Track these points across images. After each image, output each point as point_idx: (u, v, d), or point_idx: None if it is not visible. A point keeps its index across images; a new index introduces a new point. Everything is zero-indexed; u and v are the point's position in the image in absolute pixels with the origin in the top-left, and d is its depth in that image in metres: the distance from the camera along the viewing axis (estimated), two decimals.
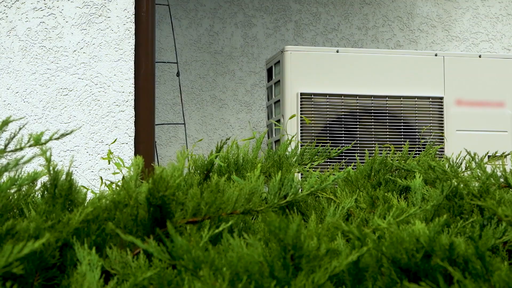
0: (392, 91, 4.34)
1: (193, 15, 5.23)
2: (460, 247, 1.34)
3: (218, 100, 5.22)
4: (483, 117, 4.45)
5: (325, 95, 4.25)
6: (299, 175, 3.18)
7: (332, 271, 1.29)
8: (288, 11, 5.36)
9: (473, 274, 1.33)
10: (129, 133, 3.69)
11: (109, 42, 3.70)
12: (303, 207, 2.12)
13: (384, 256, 1.35)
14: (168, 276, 1.45)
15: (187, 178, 2.09)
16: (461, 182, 1.73)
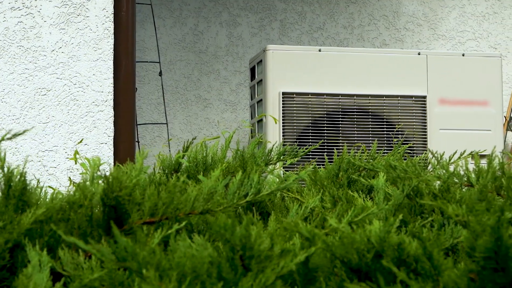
0: (375, 90, 4.33)
1: (178, 15, 5.21)
2: (411, 246, 1.32)
3: (203, 100, 5.21)
4: (467, 116, 4.43)
5: (307, 95, 4.24)
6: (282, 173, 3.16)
7: (280, 271, 1.28)
8: (273, 10, 5.35)
9: (422, 274, 1.31)
10: (108, 133, 3.67)
11: (88, 41, 3.68)
12: (269, 207, 2.11)
13: (334, 256, 1.33)
14: (119, 277, 1.43)
15: (153, 178, 2.08)
16: (422, 181, 1.71)
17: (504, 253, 1.23)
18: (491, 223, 1.25)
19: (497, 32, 5.68)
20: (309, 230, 1.33)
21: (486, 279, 1.27)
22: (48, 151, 3.60)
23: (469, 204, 1.32)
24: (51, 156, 3.59)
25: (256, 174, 1.74)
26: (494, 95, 4.48)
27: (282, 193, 2.10)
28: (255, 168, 2.05)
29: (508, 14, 5.70)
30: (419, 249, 1.28)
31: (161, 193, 1.65)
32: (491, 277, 1.27)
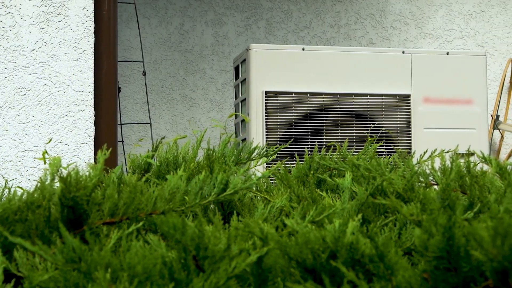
0: (359, 89, 4.31)
1: (163, 14, 5.20)
2: (367, 246, 1.31)
3: (188, 99, 5.19)
4: (451, 115, 4.42)
5: (291, 94, 4.22)
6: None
7: (232, 272, 1.26)
8: (259, 9, 5.33)
9: (376, 274, 1.30)
10: (88, 132, 3.65)
11: (68, 41, 3.66)
12: (239, 207, 2.09)
13: (288, 256, 1.32)
14: (74, 278, 1.42)
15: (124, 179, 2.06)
16: (385, 180, 1.70)
17: (456, 253, 1.22)
18: (443, 222, 1.23)
19: (484, 30, 5.67)
20: (262, 230, 1.32)
21: (439, 278, 1.26)
22: (28, 151, 3.58)
23: (424, 203, 1.31)
24: (31, 156, 3.58)
25: (219, 173, 1.73)
26: (479, 94, 4.47)
27: (254, 193, 2.09)
28: (224, 167, 2.04)
29: (495, 12, 5.69)
30: (372, 249, 1.26)
31: (122, 193, 1.64)
32: (444, 276, 1.25)
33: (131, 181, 1.67)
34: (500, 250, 0.96)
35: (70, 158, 3.62)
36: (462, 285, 1.24)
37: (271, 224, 1.64)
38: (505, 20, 5.70)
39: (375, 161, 1.73)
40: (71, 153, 3.62)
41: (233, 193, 1.73)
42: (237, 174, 1.74)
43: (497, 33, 5.68)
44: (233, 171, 1.95)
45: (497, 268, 1.01)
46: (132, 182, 1.67)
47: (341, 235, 1.32)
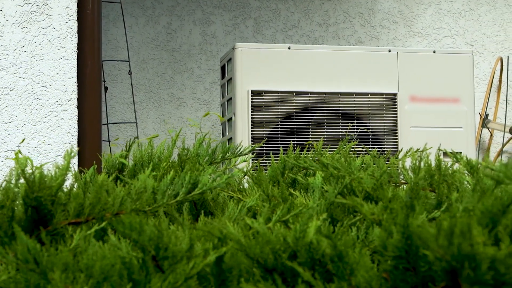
0: (345, 88, 4.30)
1: (150, 13, 5.18)
2: (327, 246, 1.30)
3: (176, 99, 5.18)
4: (438, 114, 4.41)
5: (277, 93, 4.21)
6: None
7: (190, 272, 1.25)
8: (247, 8, 5.32)
9: (335, 274, 1.29)
10: (72, 132, 3.64)
11: (51, 40, 3.65)
12: (212, 207, 2.08)
13: (248, 256, 1.31)
14: (35, 279, 1.40)
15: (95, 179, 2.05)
16: (354, 179, 1.69)
17: (414, 253, 1.21)
18: (401, 221, 1.22)
19: (474, 29, 5.66)
20: (220, 230, 1.30)
21: (398, 278, 1.25)
22: (11, 151, 3.57)
23: (384, 202, 1.29)
24: (13, 156, 3.56)
25: (188, 173, 1.72)
26: (466, 92, 4.46)
27: (227, 192, 2.08)
28: (197, 167, 2.03)
29: (484, 11, 5.68)
30: (331, 249, 1.25)
31: (87, 193, 1.63)
32: (403, 276, 1.24)
33: (98, 181, 1.66)
34: (446, 250, 0.95)
35: (53, 158, 3.60)
36: (422, 285, 1.23)
37: (238, 224, 1.63)
38: (494, 19, 5.69)
39: (344, 160, 1.72)
40: (54, 153, 3.61)
41: (201, 192, 1.72)
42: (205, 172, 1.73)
43: (486, 32, 5.67)
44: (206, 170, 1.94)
45: (446, 267, 1.00)
46: (99, 181, 1.65)
47: (301, 235, 1.31)
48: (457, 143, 4.35)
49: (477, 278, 1.03)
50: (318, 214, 1.62)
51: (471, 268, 1.04)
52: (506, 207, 1.16)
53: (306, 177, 1.93)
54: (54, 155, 3.61)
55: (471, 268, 1.04)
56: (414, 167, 1.73)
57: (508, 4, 5.70)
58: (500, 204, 1.16)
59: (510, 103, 5.65)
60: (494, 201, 1.16)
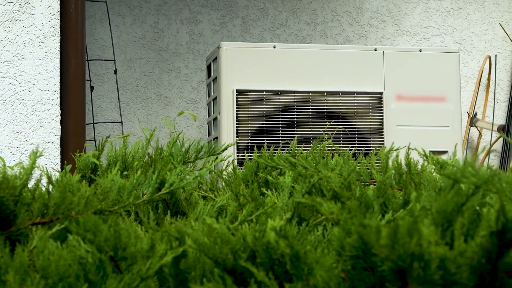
0: (330, 86, 4.29)
1: (137, 12, 5.17)
2: (284, 246, 1.29)
3: (163, 98, 5.17)
4: (424, 112, 4.40)
5: (262, 92, 4.20)
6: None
7: (146, 272, 1.24)
8: (234, 6, 5.31)
9: (293, 274, 1.28)
10: (54, 132, 3.62)
11: (34, 39, 3.63)
12: (185, 206, 2.07)
13: (206, 256, 1.30)
14: None
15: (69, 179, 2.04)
16: (322, 178, 1.68)
17: (372, 253, 1.20)
18: (358, 220, 1.21)
19: (462, 27, 5.65)
20: (178, 230, 1.29)
21: (356, 278, 1.24)
22: None
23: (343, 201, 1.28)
24: None
25: (155, 172, 1.70)
26: (452, 91, 4.45)
27: (198, 192, 2.07)
28: (169, 166, 2.02)
29: (473, 9, 5.67)
30: (288, 249, 1.24)
31: (52, 193, 1.61)
32: (361, 276, 1.23)
33: (63, 181, 1.64)
34: (390, 250, 0.94)
35: None
36: (379, 285, 1.22)
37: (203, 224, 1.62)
38: (483, 17, 5.68)
39: (311, 158, 1.71)
40: None
41: (168, 192, 1.71)
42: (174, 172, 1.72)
43: (474, 30, 5.66)
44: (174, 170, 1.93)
45: (393, 267, 0.99)
46: (64, 181, 1.64)
47: (260, 235, 1.30)
48: (443, 142, 4.34)
49: (426, 278, 1.01)
50: (285, 214, 1.61)
51: (421, 268, 1.03)
52: (461, 206, 1.15)
53: (279, 176, 1.92)
54: None
55: (421, 267, 1.03)
56: (382, 166, 1.72)
57: (496, 3, 5.70)
58: (455, 203, 1.15)
59: (499, 102, 5.65)
60: (449, 200, 1.15)
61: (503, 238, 1.04)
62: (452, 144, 4.39)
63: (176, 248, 1.27)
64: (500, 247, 1.05)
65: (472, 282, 1.06)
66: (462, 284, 1.04)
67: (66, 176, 2.04)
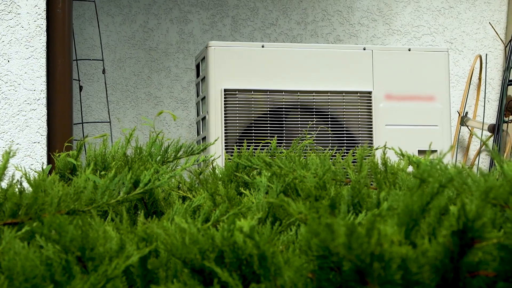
0: (319, 86, 4.28)
1: (127, 12, 5.16)
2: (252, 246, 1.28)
3: (153, 98, 5.16)
4: (413, 112, 4.40)
5: (250, 91, 4.19)
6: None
7: (112, 273, 1.23)
8: (225, 6, 5.30)
9: (261, 275, 1.27)
10: (41, 132, 3.61)
11: (20, 39, 3.62)
12: (164, 206, 2.06)
13: (174, 257, 1.29)
14: None
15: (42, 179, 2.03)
16: (297, 177, 1.67)
17: (337, 252, 1.19)
18: (324, 221, 1.20)
19: (453, 26, 5.65)
20: (145, 231, 1.28)
21: (323, 278, 1.23)
22: None
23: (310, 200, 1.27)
24: None
25: (129, 172, 1.69)
26: (441, 90, 4.45)
27: (176, 192, 2.06)
28: (148, 166, 2.00)
29: (464, 8, 5.67)
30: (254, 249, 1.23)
31: (24, 193, 1.60)
32: (327, 276, 1.22)
33: (36, 181, 1.63)
34: (347, 250, 0.93)
35: (21, 158, 3.58)
36: (346, 285, 1.21)
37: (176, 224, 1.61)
38: (474, 16, 5.68)
39: (287, 158, 1.70)
40: (22, 152, 3.58)
41: (142, 191, 1.70)
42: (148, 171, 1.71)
43: (465, 29, 5.66)
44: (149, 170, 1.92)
45: (352, 267, 0.98)
46: (36, 181, 1.63)
47: (229, 235, 1.29)
48: (432, 141, 4.34)
49: (386, 278, 1.01)
50: (259, 213, 1.60)
51: (381, 268, 1.02)
52: (426, 205, 1.14)
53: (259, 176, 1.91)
54: (23, 155, 3.58)
55: (382, 268, 1.02)
56: (357, 165, 1.71)
57: (487, 2, 5.69)
58: (420, 202, 1.14)
59: (490, 101, 5.64)
60: (415, 199, 1.14)
61: (464, 237, 1.03)
62: (441, 143, 4.38)
63: (143, 248, 1.26)
64: (462, 247, 1.04)
65: (435, 282, 1.05)
66: (423, 284, 1.03)
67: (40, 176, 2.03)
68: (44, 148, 3.61)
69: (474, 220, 1.02)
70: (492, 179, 1.20)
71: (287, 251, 1.43)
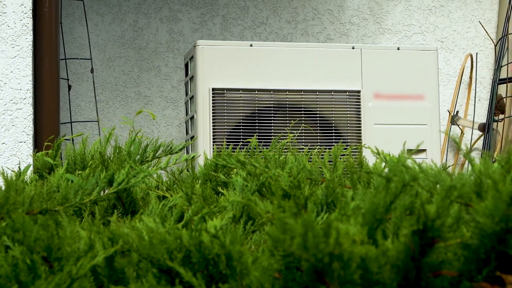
0: (307, 85, 4.27)
1: (117, 11, 5.14)
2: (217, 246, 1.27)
3: (143, 97, 5.14)
4: (402, 111, 4.39)
5: (238, 90, 4.18)
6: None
7: (76, 273, 1.22)
8: (215, 5, 5.29)
9: (228, 275, 1.26)
10: (27, 131, 3.60)
11: (5, 38, 3.61)
12: (142, 205, 2.05)
13: (141, 256, 1.28)
14: None
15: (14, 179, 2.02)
16: (271, 177, 1.66)
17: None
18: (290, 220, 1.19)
19: (444, 25, 5.64)
20: (111, 230, 1.27)
21: (289, 278, 1.22)
22: None
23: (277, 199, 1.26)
24: None
25: (103, 172, 1.68)
26: (430, 89, 4.44)
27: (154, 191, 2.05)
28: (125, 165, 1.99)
29: (455, 7, 5.66)
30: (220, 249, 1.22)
31: None
32: (293, 276, 1.21)
33: (8, 180, 1.62)
34: (303, 249, 0.92)
35: (7, 157, 3.57)
36: (312, 285, 1.20)
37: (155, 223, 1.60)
38: (465, 15, 5.67)
39: (260, 157, 1.69)
40: (9, 152, 3.57)
41: (116, 191, 1.69)
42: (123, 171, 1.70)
43: (456, 28, 5.65)
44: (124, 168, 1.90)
45: (309, 267, 0.97)
46: (9, 181, 1.62)
47: (195, 235, 1.28)
48: (421, 140, 4.33)
49: (345, 278, 1.00)
50: (230, 213, 1.59)
51: (341, 268, 1.01)
52: (390, 205, 1.13)
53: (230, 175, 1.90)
54: (9, 155, 3.57)
55: (341, 267, 1.01)
56: (332, 164, 1.70)
57: (478, 1, 5.69)
58: (384, 202, 1.13)
59: (481, 100, 5.64)
60: (379, 199, 1.13)
61: (424, 237, 1.03)
62: (430, 142, 4.38)
63: (108, 248, 1.25)
64: (423, 246, 1.04)
65: (396, 281, 1.05)
66: (384, 284, 1.02)
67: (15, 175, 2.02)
68: (30, 147, 3.60)
69: (434, 219, 1.01)
70: (457, 178, 1.20)
71: (257, 250, 1.42)
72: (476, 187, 1.19)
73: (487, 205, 1.05)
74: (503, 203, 1.01)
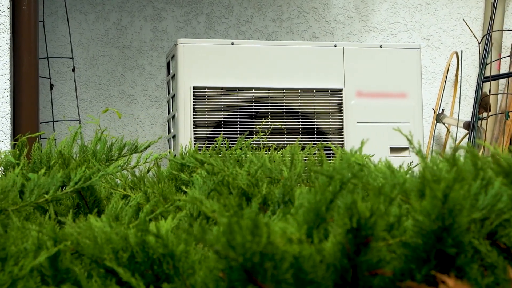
0: (289, 83, 4.26)
1: (100, 9, 5.12)
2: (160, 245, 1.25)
3: (127, 96, 5.12)
4: (385, 109, 4.37)
5: (220, 89, 4.16)
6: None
7: (17, 274, 1.20)
8: (199, 3, 5.27)
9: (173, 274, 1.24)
10: (4, 130, 3.58)
11: None
12: (106, 205, 2.03)
13: (85, 256, 1.26)
14: None
15: None
16: (229, 175, 1.64)
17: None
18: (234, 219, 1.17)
19: (430, 23, 5.62)
20: (53, 230, 1.26)
21: (233, 278, 1.20)
22: None
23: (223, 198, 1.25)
24: None
25: (60, 172, 1.67)
26: (413, 87, 4.42)
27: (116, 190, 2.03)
28: (89, 165, 1.98)
29: (440, 5, 5.64)
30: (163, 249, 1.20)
31: None
32: (238, 276, 1.20)
33: None
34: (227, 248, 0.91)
35: None
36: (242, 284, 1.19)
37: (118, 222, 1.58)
38: (451, 13, 5.66)
39: (216, 156, 1.67)
40: None
41: (72, 190, 1.67)
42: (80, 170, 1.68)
43: (442, 26, 5.64)
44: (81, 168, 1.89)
45: (238, 267, 0.95)
46: None
47: (141, 235, 1.27)
48: (404, 138, 4.31)
49: (277, 277, 0.98)
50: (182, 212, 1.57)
51: (273, 267, 0.99)
52: (330, 203, 1.12)
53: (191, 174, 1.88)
54: None
55: (273, 267, 0.99)
56: (290, 162, 1.68)
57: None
58: (324, 200, 1.11)
59: (467, 98, 5.63)
60: (319, 197, 1.11)
61: (358, 235, 1.01)
62: (413, 140, 4.36)
63: (51, 248, 1.24)
64: (357, 245, 1.02)
65: (331, 281, 1.03)
66: (318, 283, 1.01)
67: None
68: (8, 147, 3.58)
69: (367, 218, 1.00)
70: (400, 175, 1.18)
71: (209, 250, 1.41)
72: (421, 185, 1.17)
73: (424, 204, 1.04)
74: (438, 201, 0.99)
